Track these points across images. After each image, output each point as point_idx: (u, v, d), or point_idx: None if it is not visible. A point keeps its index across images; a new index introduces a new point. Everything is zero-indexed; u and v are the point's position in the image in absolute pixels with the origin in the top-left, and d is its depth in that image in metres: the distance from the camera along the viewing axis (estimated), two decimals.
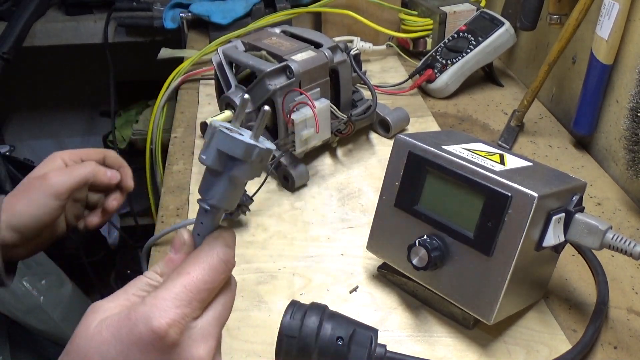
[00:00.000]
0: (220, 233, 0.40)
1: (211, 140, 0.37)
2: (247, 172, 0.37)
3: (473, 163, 0.51)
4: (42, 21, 1.40)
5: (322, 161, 0.82)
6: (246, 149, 0.36)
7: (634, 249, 0.49)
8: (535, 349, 0.54)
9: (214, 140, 0.36)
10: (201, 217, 0.39)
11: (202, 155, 0.37)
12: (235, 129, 0.38)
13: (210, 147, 0.37)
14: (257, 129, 0.37)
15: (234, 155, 0.36)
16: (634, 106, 0.67)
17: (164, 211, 0.74)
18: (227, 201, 0.39)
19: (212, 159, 0.37)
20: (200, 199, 0.39)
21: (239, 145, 0.36)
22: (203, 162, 0.37)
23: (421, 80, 0.97)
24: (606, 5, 0.72)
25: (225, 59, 0.77)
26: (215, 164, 0.37)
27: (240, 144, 0.36)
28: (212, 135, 0.37)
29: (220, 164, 0.37)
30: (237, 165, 0.37)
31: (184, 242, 0.40)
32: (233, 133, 0.36)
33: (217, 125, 0.37)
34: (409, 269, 0.54)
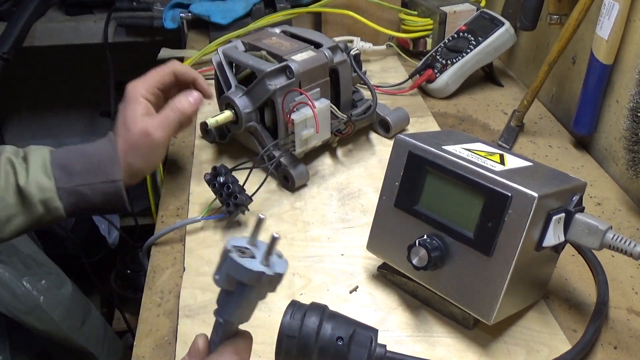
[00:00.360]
0: (234, 341, 0.41)
1: (222, 263, 0.38)
2: (256, 294, 0.39)
3: (473, 163, 0.51)
4: (42, 21, 1.40)
5: (322, 161, 0.82)
6: (253, 276, 0.37)
7: (634, 249, 0.49)
8: (535, 349, 0.54)
9: (225, 264, 0.38)
10: (216, 328, 0.42)
11: (215, 276, 0.39)
12: (250, 248, 0.39)
13: (222, 271, 0.38)
14: (267, 251, 0.38)
15: (242, 281, 0.38)
16: (634, 106, 0.67)
17: (164, 211, 0.74)
18: (239, 316, 0.41)
19: (223, 281, 0.39)
20: (216, 311, 0.41)
21: (246, 272, 0.37)
22: (216, 282, 0.39)
23: (421, 80, 0.97)
24: (606, 5, 0.72)
25: (225, 59, 0.77)
26: (226, 285, 0.39)
27: (248, 271, 0.37)
28: (224, 260, 0.38)
29: (231, 285, 0.39)
30: (247, 288, 0.38)
31: (198, 349, 0.41)
32: (243, 258, 0.38)
33: (230, 247, 0.38)
34: (409, 269, 0.54)
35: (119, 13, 1.40)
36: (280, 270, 0.39)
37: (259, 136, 0.77)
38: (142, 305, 0.60)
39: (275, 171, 0.76)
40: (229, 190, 0.66)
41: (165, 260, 0.66)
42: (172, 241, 0.69)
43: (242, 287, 0.38)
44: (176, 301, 0.60)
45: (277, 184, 0.77)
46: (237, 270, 0.37)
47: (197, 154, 0.84)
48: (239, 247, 0.39)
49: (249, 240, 0.40)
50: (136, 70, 0.75)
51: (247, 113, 0.74)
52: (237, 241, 0.40)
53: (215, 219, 0.70)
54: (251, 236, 0.40)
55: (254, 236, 0.40)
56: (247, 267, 0.37)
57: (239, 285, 0.38)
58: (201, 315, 0.58)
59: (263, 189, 0.72)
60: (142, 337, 0.57)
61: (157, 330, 0.57)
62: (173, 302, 0.60)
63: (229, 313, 0.40)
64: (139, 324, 0.58)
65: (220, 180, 0.66)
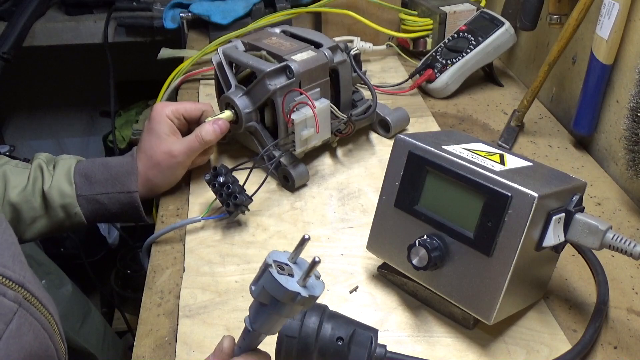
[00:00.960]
0: (257, 354, 0.43)
1: (261, 277, 0.39)
2: (289, 311, 0.40)
3: (473, 163, 0.51)
4: (42, 21, 1.40)
5: (322, 161, 0.82)
6: (289, 295, 0.39)
7: (634, 249, 0.49)
8: (535, 349, 0.54)
9: (263, 278, 0.39)
10: (244, 334, 0.43)
11: (251, 286, 0.40)
12: (290, 265, 0.40)
13: (259, 283, 0.39)
14: (306, 273, 0.39)
15: (277, 298, 0.39)
16: (634, 106, 0.67)
17: (164, 211, 0.74)
18: (268, 329, 0.42)
19: (258, 293, 0.40)
20: (247, 318, 0.42)
21: (282, 290, 0.38)
22: (251, 293, 0.40)
23: (421, 80, 0.97)
24: (606, 5, 0.72)
25: (225, 59, 0.77)
26: (260, 297, 0.40)
27: (284, 290, 0.38)
28: (263, 273, 0.39)
29: (266, 298, 0.40)
30: (280, 305, 0.39)
31: (222, 350, 0.43)
32: (282, 275, 0.39)
33: (270, 262, 0.39)
34: (409, 269, 0.54)
35: (119, 13, 1.40)
36: (316, 293, 0.40)
37: (259, 136, 0.77)
38: (142, 305, 0.60)
39: (275, 171, 0.76)
40: (229, 190, 0.66)
41: (165, 260, 0.66)
42: (172, 241, 0.69)
43: (275, 302, 0.39)
44: (176, 301, 0.60)
45: (277, 184, 0.77)
46: (274, 287, 0.38)
47: None
48: (279, 262, 0.40)
49: (290, 257, 0.41)
50: (136, 70, 0.75)
51: (247, 113, 0.74)
52: (279, 255, 0.41)
53: (216, 219, 0.70)
54: (293, 253, 0.41)
55: (296, 253, 0.41)
56: (283, 286, 0.38)
57: (273, 299, 0.39)
58: (201, 315, 0.58)
59: (263, 188, 0.72)
60: (142, 337, 0.57)
61: (157, 330, 0.57)
62: (173, 302, 0.60)
63: (259, 324, 0.41)
64: (139, 324, 0.58)
65: (220, 180, 0.66)
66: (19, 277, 0.41)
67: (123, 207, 0.70)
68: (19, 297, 0.40)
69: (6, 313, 0.38)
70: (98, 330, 1.01)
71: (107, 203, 0.69)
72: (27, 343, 0.39)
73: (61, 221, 0.69)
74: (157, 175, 0.71)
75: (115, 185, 0.69)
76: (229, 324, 0.57)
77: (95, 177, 0.69)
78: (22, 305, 0.40)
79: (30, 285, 0.42)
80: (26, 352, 0.39)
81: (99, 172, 0.70)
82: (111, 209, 0.70)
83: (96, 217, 0.70)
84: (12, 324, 0.38)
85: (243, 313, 0.58)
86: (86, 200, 0.69)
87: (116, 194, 0.69)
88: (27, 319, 0.40)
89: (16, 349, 0.38)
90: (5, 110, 1.91)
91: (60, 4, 1.45)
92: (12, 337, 0.38)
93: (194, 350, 0.55)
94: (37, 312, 0.42)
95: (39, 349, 0.41)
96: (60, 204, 0.68)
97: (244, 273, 0.63)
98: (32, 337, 0.40)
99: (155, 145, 0.71)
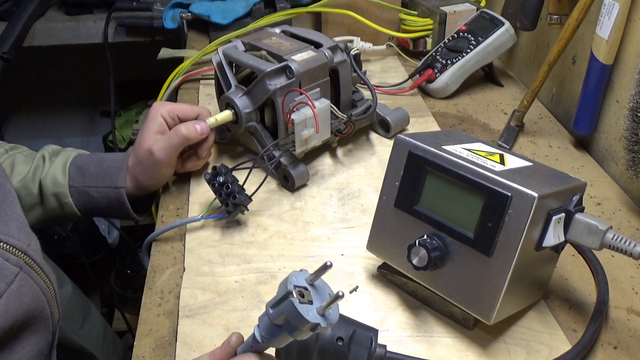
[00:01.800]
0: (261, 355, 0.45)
1: (281, 302, 0.40)
2: (302, 335, 0.41)
3: (473, 163, 0.51)
4: (42, 21, 1.40)
5: (322, 161, 0.82)
6: (309, 326, 0.40)
7: (634, 249, 0.49)
8: (535, 349, 0.54)
9: (284, 305, 0.40)
10: (253, 342, 0.44)
11: (269, 309, 0.41)
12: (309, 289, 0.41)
13: (279, 309, 0.40)
14: (326, 305, 0.40)
15: (296, 325, 0.40)
16: (634, 106, 0.67)
17: (164, 211, 0.74)
18: (278, 344, 0.43)
19: (276, 316, 0.41)
20: (257, 328, 0.43)
21: (304, 321, 0.39)
22: (268, 315, 0.41)
23: (421, 80, 0.97)
24: (606, 5, 0.72)
25: (225, 59, 0.77)
26: (277, 320, 0.41)
27: (305, 321, 0.39)
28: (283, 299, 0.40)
29: (282, 322, 0.41)
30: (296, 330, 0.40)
31: (229, 344, 0.46)
32: (303, 304, 0.39)
33: (291, 289, 0.40)
34: (409, 269, 0.54)
35: (119, 13, 1.40)
36: (333, 321, 0.41)
37: (259, 136, 0.77)
38: (142, 305, 0.60)
39: (275, 171, 0.76)
40: (228, 190, 0.66)
41: (165, 260, 0.66)
42: (172, 241, 0.69)
43: (292, 326, 0.40)
44: (176, 301, 0.60)
45: (277, 183, 0.77)
46: (295, 317, 0.39)
47: None
48: (299, 287, 0.40)
49: (309, 279, 0.41)
50: (136, 70, 0.76)
51: (247, 113, 0.74)
52: (298, 277, 0.41)
53: (215, 219, 0.70)
54: (312, 275, 0.41)
55: (315, 276, 0.41)
56: (304, 317, 0.39)
57: (290, 324, 0.40)
58: (201, 315, 0.58)
59: (263, 188, 0.72)
60: (142, 337, 0.57)
61: (157, 330, 0.57)
62: (173, 302, 0.60)
63: (268, 338, 0.42)
64: (139, 324, 0.58)
65: (220, 179, 0.66)
66: (22, 245, 0.45)
67: (110, 202, 0.71)
68: (21, 262, 0.44)
69: (8, 275, 0.42)
70: (98, 330, 1.01)
71: (97, 197, 0.70)
72: (25, 303, 0.43)
73: (55, 210, 0.71)
74: (141, 173, 0.71)
75: (105, 179, 0.70)
76: (229, 324, 0.57)
77: (88, 170, 0.71)
78: (23, 269, 0.44)
79: (33, 253, 0.46)
80: (24, 310, 0.43)
81: (92, 165, 0.71)
82: (100, 203, 0.71)
83: (88, 210, 0.71)
84: (13, 285, 0.42)
85: (243, 313, 0.58)
86: (77, 191, 0.70)
87: (104, 189, 0.70)
88: (27, 281, 0.44)
89: (15, 307, 0.42)
90: (5, 110, 1.91)
91: (60, 4, 1.45)
92: (13, 296, 0.42)
93: (194, 350, 0.55)
94: (37, 276, 0.46)
95: (35, 309, 0.45)
96: (53, 192, 0.69)
97: (243, 273, 0.63)
98: (30, 298, 0.44)
99: (141, 142, 0.72)
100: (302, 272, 0.42)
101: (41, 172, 0.70)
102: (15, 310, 0.42)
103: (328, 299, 0.41)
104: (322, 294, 0.42)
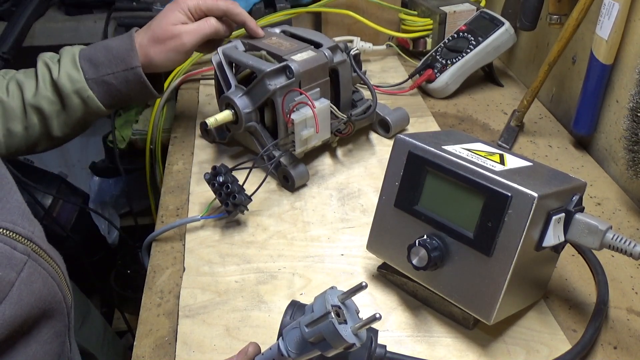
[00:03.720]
0: None
1: (319, 322, 0.41)
2: (333, 352, 0.42)
3: (473, 163, 0.51)
4: (42, 21, 1.40)
5: (322, 161, 0.82)
6: (346, 346, 0.41)
7: (634, 249, 0.49)
8: (535, 349, 0.54)
9: (323, 324, 0.41)
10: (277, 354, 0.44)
11: (304, 327, 0.42)
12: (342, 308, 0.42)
13: (316, 328, 0.41)
14: (361, 326, 0.41)
15: (332, 345, 0.41)
16: (634, 106, 0.67)
17: (164, 211, 0.74)
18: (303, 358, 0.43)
19: (312, 335, 0.41)
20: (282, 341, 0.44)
21: (342, 341, 0.40)
22: (304, 332, 0.42)
23: (421, 80, 0.97)
24: (606, 5, 0.72)
25: (225, 59, 0.77)
26: (313, 339, 0.42)
27: (343, 341, 0.40)
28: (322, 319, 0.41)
29: (316, 339, 0.41)
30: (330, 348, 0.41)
31: (246, 352, 0.46)
32: (342, 325, 0.41)
33: (329, 309, 0.41)
34: (409, 269, 0.54)
35: (119, 13, 1.40)
36: (363, 340, 0.42)
37: (259, 136, 0.77)
38: (142, 305, 0.60)
39: (275, 171, 0.76)
40: (228, 190, 0.66)
41: (165, 260, 0.66)
42: (172, 241, 0.69)
43: (327, 345, 0.41)
44: (176, 301, 0.60)
45: (277, 183, 0.77)
46: (334, 337, 0.40)
47: (197, 154, 0.84)
48: (335, 306, 0.41)
49: (341, 297, 0.42)
50: None
51: (247, 113, 0.74)
52: (333, 296, 0.42)
53: (215, 219, 0.70)
54: (345, 294, 0.43)
55: (348, 296, 0.43)
56: (344, 338, 0.40)
57: (325, 342, 0.41)
58: (201, 315, 0.58)
59: (263, 188, 0.72)
60: (142, 337, 0.57)
61: (157, 330, 0.57)
62: (173, 302, 0.60)
63: (297, 353, 0.43)
64: (139, 324, 0.58)
65: (219, 179, 0.66)
66: (27, 232, 0.45)
67: (130, 85, 0.73)
68: (28, 250, 0.44)
69: (17, 263, 0.43)
70: (98, 330, 1.01)
71: (116, 83, 0.72)
72: (37, 289, 0.44)
73: (79, 110, 0.73)
74: (160, 53, 0.73)
75: (119, 64, 0.72)
76: (229, 324, 0.57)
77: (99, 60, 0.72)
78: (31, 256, 0.44)
79: (38, 239, 0.46)
80: (36, 296, 0.44)
81: (101, 54, 0.72)
82: (121, 89, 0.73)
83: (110, 100, 0.73)
84: (23, 273, 0.43)
85: (243, 313, 0.58)
86: (96, 83, 0.72)
87: (121, 73, 0.72)
88: (36, 268, 0.45)
89: (27, 293, 0.42)
90: None
91: (60, 4, 1.45)
92: (24, 283, 0.42)
93: (194, 350, 0.55)
94: (45, 262, 0.46)
95: (47, 294, 0.46)
96: (73, 90, 0.71)
97: (243, 273, 0.63)
98: (41, 284, 0.45)
99: (163, 24, 0.73)
100: (334, 290, 0.43)
101: (50, 76, 0.71)
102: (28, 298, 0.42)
103: (357, 317, 0.43)
104: (351, 312, 0.43)
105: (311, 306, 0.43)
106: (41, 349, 0.45)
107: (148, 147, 1.09)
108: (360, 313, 0.45)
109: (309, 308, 0.44)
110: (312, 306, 0.43)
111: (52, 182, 1.43)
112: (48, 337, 0.46)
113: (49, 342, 0.46)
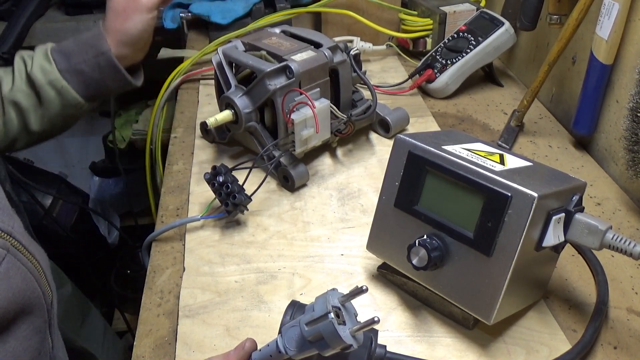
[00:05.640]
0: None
1: (319, 321, 0.41)
2: (330, 352, 0.42)
3: (473, 163, 0.51)
4: (41, 21, 1.40)
5: (322, 161, 0.82)
6: (343, 346, 0.41)
7: (634, 249, 0.49)
8: (535, 349, 0.54)
9: (322, 324, 0.41)
10: (270, 348, 0.45)
11: (304, 325, 0.42)
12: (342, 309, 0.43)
13: (316, 327, 0.41)
14: (359, 328, 0.42)
15: (330, 344, 0.41)
16: (634, 106, 0.67)
17: (164, 211, 0.74)
18: (300, 357, 0.44)
19: (311, 334, 0.42)
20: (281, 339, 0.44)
21: (340, 343, 0.41)
22: (303, 331, 0.42)
23: (421, 80, 0.97)
24: (606, 5, 0.72)
25: (225, 59, 0.77)
26: (311, 338, 0.42)
27: (342, 342, 0.41)
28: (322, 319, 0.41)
29: (315, 338, 0.42)
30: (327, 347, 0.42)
31: (243, 348, 0.47)
32: (341, 326, 0.41)
33: (330, 309, 0.41)
34: (409, 269, 0.54)
35: None
36: (360, 342, 0.42)
37: (259, 136, 0.77)
38: (142, 305, 0.60)
39: (275, 171, 0.76)
40: (228, 190, 0.66)
41: (165, 260, 0.66)
42: (172, 241, 0.69)
43: (325, 344, 0.41)
44: (176, 301, 0.60)
45: (277, 183, 0.77)
46: (333, 337, 0.41)
47: (197, 154, 0.84)
48: (335, 307, 0.42)
49: (341, 300, 0.43)
50: None
51: (246, 113, 0.74)
52: (334, 297, 0.43)
53: (215, 218, 0.70)
54: (345, 297, 0.43)
55: (347, 298, 0.43)
56: (342, 339, 0.40)
57: (323, 341, 0.41)
58: (201, 315, 0.58)
59: (263, 188, 0.72)
60: (142, 337, 0.57)
61: (157, 330, 0.57)
62: (173, 302, 0.60)
63: (295, 351, 0.43)
64: (139, 324, 0.58)
65: (219, 179, 0.66)
66: (7, 227, 0.45)
67: (103, 71, 0.73)
68: (7, 244, 0.44)
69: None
70: (98, 330, 1.01)
71: (88, 70, 0.73)
72: (15, 285, 0.44)
73: (55, 102, 0.73)
74: (124, 22, 0.73)
75: (89, 51, 0.73)
76: (229, 324, 0.57)
77: (70, 50, 0.73)
78: (10, 251, 0.44)
79: (17, 234, 0.46)
80: (14, 292, 0.43)
81: (71, 45, 0.74)
82: (94, 76, 0.73)
83: (87, 90, 0.74)
84: (1, 267, 0.42)
85: (243, 313, 0.58)
86: (68, 73, 0.72)
87: (92, 59, 0.73)
88: (14, 263, 0.44)
89: (5, 288, 0.42)
90: None
91: (60, 4, 1.45)
92: (2, 278, 0.42)
93: (194, 350, 0.55)
94: (24, 258, 0.46)
95: (26, 290, 0.45)
96: (46, 82, 0.72)
97: (243, 273, 0.63)
98: (19, 279, 0.45)
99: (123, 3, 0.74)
100: (334, 292, 0.43)
101: (25, 70, 0.73)
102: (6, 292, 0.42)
103: (355, 319, 0.43)
104: (350, 314, 0.43)
105: (312, 306, 0.43)
106: (20, 345, 0.45)
107: (148, 147, 1.09)
108: (358, 316, 0.45)
109: (310, 307, 0.44)
110: (312, 306, 0.43)
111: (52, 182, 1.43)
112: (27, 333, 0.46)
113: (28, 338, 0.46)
